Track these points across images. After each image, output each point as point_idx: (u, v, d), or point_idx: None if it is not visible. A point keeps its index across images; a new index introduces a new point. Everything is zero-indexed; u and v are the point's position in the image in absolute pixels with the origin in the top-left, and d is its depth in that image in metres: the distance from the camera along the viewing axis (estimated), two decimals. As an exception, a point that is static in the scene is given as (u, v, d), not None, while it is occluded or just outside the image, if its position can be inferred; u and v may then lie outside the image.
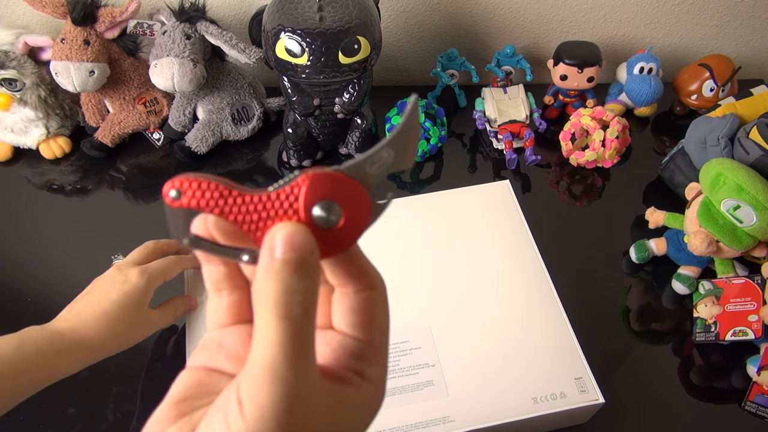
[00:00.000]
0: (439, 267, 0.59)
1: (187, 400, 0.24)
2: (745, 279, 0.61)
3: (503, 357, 0.53)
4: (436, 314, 0.55)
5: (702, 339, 0.61)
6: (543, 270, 0.59)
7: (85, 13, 0.72)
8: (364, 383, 0.23)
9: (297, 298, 0.20)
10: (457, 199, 0.65)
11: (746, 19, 0.94)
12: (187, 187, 0.22)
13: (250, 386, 0.20)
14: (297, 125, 0.76)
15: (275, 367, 0.20)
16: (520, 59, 0.87)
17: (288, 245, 0.21)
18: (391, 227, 0.61)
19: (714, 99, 0.84)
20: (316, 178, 0.22)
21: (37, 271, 0.68)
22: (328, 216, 0.22)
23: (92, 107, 0.80)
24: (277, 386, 0.19)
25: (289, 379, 0.20)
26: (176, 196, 0.22)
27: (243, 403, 0.19)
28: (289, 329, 0.20)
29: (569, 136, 0.78)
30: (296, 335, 0.20)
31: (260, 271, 0.21)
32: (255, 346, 0.20)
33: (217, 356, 0.25)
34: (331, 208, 0.22)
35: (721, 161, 0.62)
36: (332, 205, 0.22)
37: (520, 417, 0.49)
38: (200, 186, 0.22)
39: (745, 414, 0.57)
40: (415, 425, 0.49)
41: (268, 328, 0.20)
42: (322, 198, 0.22)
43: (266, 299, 0.20)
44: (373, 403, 0.24)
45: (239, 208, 0.22)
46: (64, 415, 0.56)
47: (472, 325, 0.55)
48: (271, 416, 0.19)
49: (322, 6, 0.65)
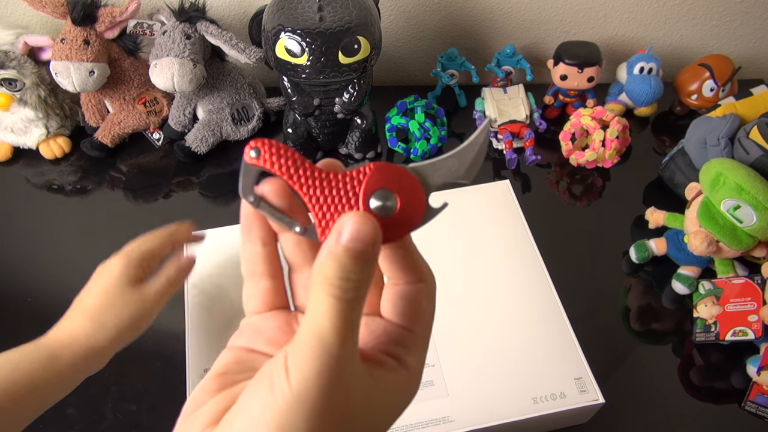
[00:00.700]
0: (438, 267, 0.59)
1: (228, 374, 0.25)
2: (745, 279, 0.61)
3: (503, 357, 0.53)
4: (436, 314, 0.55)
5: (702, 339, 0.61)
6: (543, 270, 0.59)
7: (85, 13, 0.72)
8: (402, 369, 0.24)
9: (352, 284, 0.21)
10: (457, 199, 0.65)
11: (746, 19, 0.94)
12: (267, 148, 0.24)
13: (298, 355, 0.21)
14: (297, 125, 0.76)
15: (325, 338, 0.21)
16: (520, 59, 0.87)
17: (354, 234, 0.22)
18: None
19: (714, 99, 0.84)
20: (380, 167, 0.24)
21: (36, 271, 0.68)
22: (384, 203, 0.24)
23: (92, 107, 0.80)
24: (325, 356, 0.20)
25: (336, 351, 0.21)
26: (255, 155, 0.24)
27: (290, 371, 0.20)
28: (340, 308, 0.21)
29: (569, 136, 0.78)
30: (347, 314, 0.21)
31: (323, 251, 0.22)
32: (307, 319, 0.22)
33: (255, 340, 0.26)
34: (388, 196, 0.24)
35: (721, 161, 0.62)
36: (390, 194, 0.24)
37: (520, 417, 0.49)
38: (279, 150, 0.24)
39: (745, 414, 0.57)
40: (415, 425, 0.49)
41: (321, 304, 0.21)
42: (382, 186, 0.24)
43: (324, 279, 0.21)
44: (408, 389, 0.25)
45: (308, 180, 0.24)
46: (64, 415, 0.56)
47: (472, 325, 0.55)
48: (315, 384, 0.20)
49: (322, 6, 0.65)
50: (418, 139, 0.78)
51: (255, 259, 0.26)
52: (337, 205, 0.24)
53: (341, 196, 0.24)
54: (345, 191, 0.24)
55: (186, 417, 0.24)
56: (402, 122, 0.79)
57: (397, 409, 0.24)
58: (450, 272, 0.59)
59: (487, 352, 0.53)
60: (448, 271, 0.59)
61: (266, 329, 0.27)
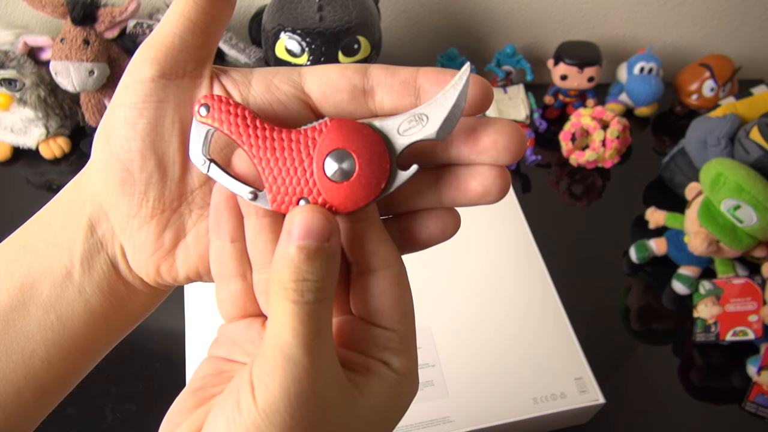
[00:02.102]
0: (438, 267, 0.59)
1: (205, 388, 0.23)
2: (746, 279, 0.61)
3: (503, 357, 0.53)
4: (436, 314, 0.55)
5: (702, 339, 0.61)
6: (543, 270, 0.59)
7: (84, 13, 0.72)
8: (390, 373, 0.22)
9: (310, 285, 0.20)
10: (457, 199, 0.65)
11: (746, 19, 0.94)
12: (218, 105, 0.21)
13: (262, 369, 0.19)
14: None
15: (288, 349, 0.19)
16: (520, 59, 0.87)
17: (305, 231, 0.20)
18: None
19: (714, 99, 0.84)
20: (338, 123, 0.21)
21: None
22: (340, 164, 0.21)
23: (92, 107, 0.80)
24: (290, 369, 0.19)
25: (302, 361, 0.19)
26: (205, 112, 0.22)
27: (255, 387, 0.19)
28: (301, 313, 0.20)
29: (569, 136, 0.78)
30: (309, 319, 0.20)
31: (277, 254, 0.21)
32: (268, 329, 0.20)
33: (233, 352, 0.25)
34: (345, 156, 0.21)
35: (721, 161, 0.62)
36: (347, 155, 0.21)
37: (520, 417, 0.49)
38: (229, 107, 0.21)
39: (745, 414, 0.57)
40: (415, 425, 0.49)
41: (280, 311, 0.20)
42: (339, 146, 0.21)
43: (279, 285, 0.20)
44: (401, 394, 0.23)
45: (257, 140, 0.22)
46: (64, 415, 0.56)
47: (472, 325, 0.55)
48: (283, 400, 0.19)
49: (322, 6, 0.65)
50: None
51: (224, 258, 0.24)
52: (288, 168, 0.22)
53: (294, 157, 0.22)
54: (299, 151, 0.22)
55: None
56: (402, 122, 0.79)
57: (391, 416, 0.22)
58: (450, 272, 0.59)
59: (487, 352, 0.53)
60: (448, 271, 0.59)
61: (242, 341, 0.24)
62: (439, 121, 0.21)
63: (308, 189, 0.22)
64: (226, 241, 0.24)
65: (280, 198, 0.22)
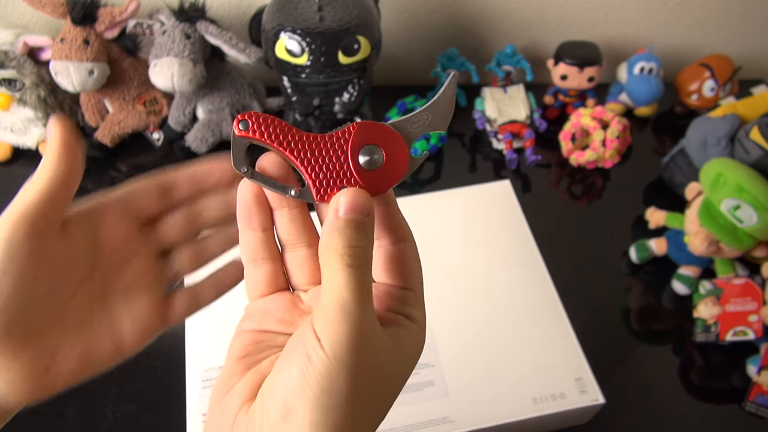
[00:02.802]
0: (438, 267, 0.59)
1: (250, 356, 0.26)
2: (746, 279, 0.61)
3: (503, 357, 0.53)
4: (436, 314, 0.55)
5: (702, 339, 0.61)
6: (543, 270, 0.59)
7: (84, 13, 0.72)
8: (413, 324, 0.26)
9: (359, 251, 0.24)
10: (458, 199, 0.65)
11: (746, 19, 0.94)
12: (255, 120, 0.25)
13: (324, 323, 0.22)
14: (297, 125, 0.76)
15: (347, 305, 0.23)
16: (520, 59, 0.87)
17: (351, 207, 0.24)
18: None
19: (714, 99, 0.84)
20: (363, 125, 0.26)
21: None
22: (372, 156, 0.26)
23: (92, 107, 0.80)
24: (351, 320, 0.22)
25: (359, 315, 0.23)
26: (244, 128, 0.25)
27: (321, 339, 0.22)
28: (355, 275, 0.23)
29: (569, 136, 0.78)
30: (361, 280, 0.23)
31: (326, 229, 0.24)
32: (326, 290, 0.23)
33: (265, 322, 0.28)
34: (374, 151, 0.26)
35: (721, 161, 0.62)
36: (375, 149, 0.26)
37: (520, 417, 0.49)
38: (266, 120, 0.25)
39: (745, 414, 0.57)
40: (415, 425, 0.49)
41: (337, 275, 0.23)
42: (368, 143, 0.26)
43: (334, 252, 0.23)
44: (419, 342, 0.27)
45: (297, 144, 0.25)
46: (64, 415, 0.56)
47: (472, 325, 0.55)
48: (348, 347, 0.22)
49: (322, 6, 0.65)
50: (418, 139, 0.78)
51: (255, 245, 0.27)
52: (328, 164, 0.26)
53: (331, 155, 0.25)
54: (334, 150, 0.26)
55: (218, 401, 0.25)
56: (402, 122, 0.79)
57: (414, 359, 0.26)
58: (450, 272, 0.59)
59: (487, 353, 0.53)
60: (449, 270, 0.59)
61: (273, 310, 0.28)
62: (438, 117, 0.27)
63: (347, 179, 0.26)
64: (258, 230, 0.27)
65: (323, 190, 0.26)
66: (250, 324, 0.28)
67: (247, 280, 0.29)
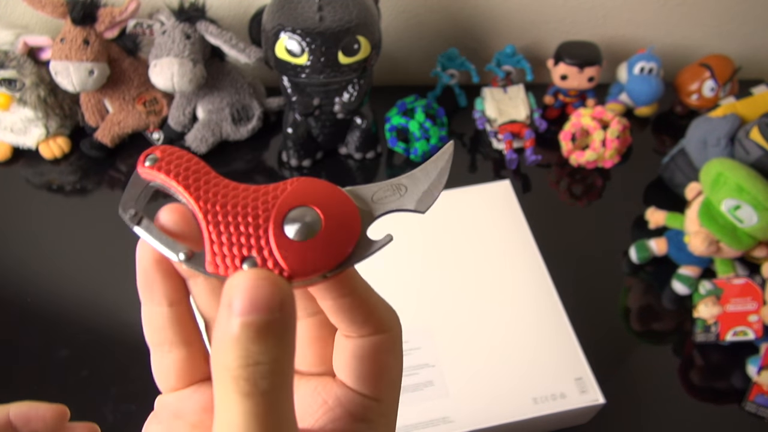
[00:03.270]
0: (439, 267, 0.59)
1: None
2: (746, 279, 0.61)
3: (503, 357, 0.53)
4: (436, 314, 0.55)
5: (702, 339, 0.61)
6: (543, 270, 0.59)
7: (84, 13, 0.72)
8: None
9: (263, 370, 0.16)
10: (457, 199, 0.65)
11: (746, 19, 0.94)
12: (169, 154, 0.20)
13: None
14: (297, 125, 0.76)
15: None
16: (520, 59, 0.87)
17: (248, 303, 0.16)
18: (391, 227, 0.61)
19: (714, 99, 0.84)
20: (305, 182, 0.19)
21: (36, 271, 0.68)
22: (303, 220, 0.18)
23: (92, 107, 0.80)
24: None
25: None
26: (152, 162, 0.20)
27: None
28: (255, 409, 0.16)
29: (569, 136, 0.78)
30: (266, 415, 0.16)
31: (216, 333, 0.17)
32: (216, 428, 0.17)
33: (175, 427, 0.21)
34: (307, 213, 0.19)
35: (721, 161, 0.62)
36: (311, 211, 0.19)
37: (520, 417, 0.49)
38: (182, 158, 0.20)
39: (745, 414, 0.57)
40: (415, 425, 0.49)
41: (230, 409, 0.16)
42: (304, 203, 0.19)
43: (225, 373, 0.16)
44: None
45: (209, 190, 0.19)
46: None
47: (472, 325, 0.55)
48: None
49: (321, 6, 0.65)
50: (418, 139, 0.78)
51: (161, 325, 0.20)
52: (239, 223, 0.18)
53: (247, 212, 0.19)
54: (254, 206, 0.19)
55: None
56: (402, 122, 0.79)
57: None
58: (450, 272, 0.59)
59: (487, 353, 0.53)
60: (448, 270, 0.59)
61: (187, 412, 0.21)
62: (418, 193, 0.20)
63: (258, 247, 0.18)
64: (163, 306, 0.20)
65: (220, 259, 0.18)
66: (157, 427, 0.21)
67: (154, 369, 0.22)
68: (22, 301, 0.65)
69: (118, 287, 0.67)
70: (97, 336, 0.62)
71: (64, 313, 0.64)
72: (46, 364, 0.60)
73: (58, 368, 0.59)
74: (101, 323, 0.63)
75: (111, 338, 0.62)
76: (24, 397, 0.45)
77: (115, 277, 0.67)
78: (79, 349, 0.61)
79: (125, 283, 0.70)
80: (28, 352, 0.61)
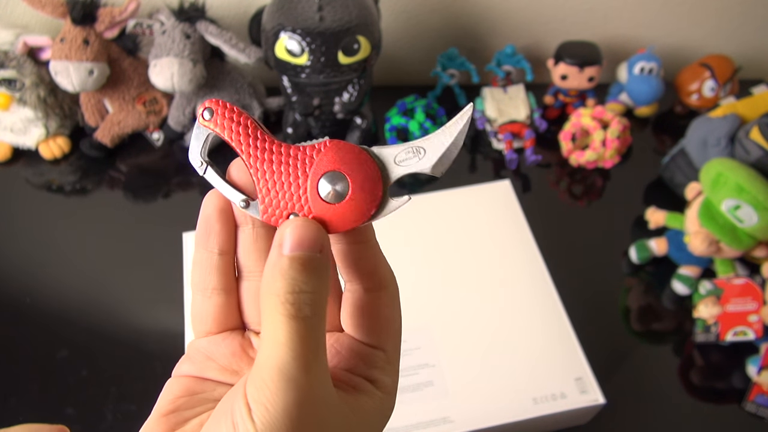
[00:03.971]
0: (438, 267, 0.59)
1: (178, 412, 0.22)
2: (746, 279, 0.61)
3: (503, 357, 0.53)
4: (436, 314, 0.55)
5: (702, 339, 0.61)
6: (543, 270, 0.59)
7: (84, 13, 0.72)
8: (377, 391, 0.22)
9: (306, 298, 0.19)
10: (458, 199, 0.65)
11: (746, 19, 0.94)
12: (222, 111, 0.22)
13: (259, 390, 0.18)
14: (297, 125, 0.76)
15: (287, 370, 0.18)
16: (520, 59, 0.87)
17: (297, 242, 0.20)
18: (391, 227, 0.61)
19: (714, 99, 0.84)
20: (336, 145, 0.22)
21: (36, 271, 0.68)
22: (334, 186, 0.22)
23: (92, 107, 0.80)
24: (290, 389, 0.18)
25: (302, 382, 0.18)
26: (208, 116, 0.22)
27: (252, 408, 0.18)
28: (299, 330, 0.19)
29: (569, 136, 0.78)
30: (307, 336, 0.19)
31: (268, 267, 0.20)
32: (264, 347, 0.19)
33: (206, 368, 0.24)
34: (338, 179, 0.22)
35: (721, 161, 0.62)
36: (342, 177, 0.22)
37: (520, 417, 0.49)
38: (233, 114, 0.22)
39: (745, 414, 0.57)
40: (415, 425, 0.49)
41: (277, 328, 0.19)
42: (335, 168, 0.22)
43: (274, 298, 0.19)
44: (384, 411, 0.23)
45: (257, 150, 0.22)
46: (64, 415, 0.56)
47: (472, 326, 0.55)
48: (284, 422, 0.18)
49: (322, 6, 0.65)
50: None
51: (208, 270, 0.23)
52: (284, 182, 0.22)
53: (289, 173, 0.22)
54: (294, 168, 0.22)
55: None
56: (402, 122, 0.79)
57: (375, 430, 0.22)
58: (450, 272, 0.59)
59: (487, 353, 0.53)
60: (448, 270, 0.59)
61: (218, 355, 0.24)
62: (436, 156, 0.22)
63: (300, 205, 0.22)
64: (214, 253, 0.23)
65: (272, 210, 0.22)
66: (189, 368, 0.24)
67: (193, 312, 0.24)
68: (22, 301, 0.65)
69: (118, 287, 0.67)
70: (97, 336, 0.62)
71: (64, 313, 0.64)
72: (46, 364, 0.60)
73: (58, 368, 0.59)
74: (101, 323, 0.63)
75: (111, 338, 0.62)
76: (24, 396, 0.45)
77: (115, 276, 0.68)
78: (79, 349, 0.61)
79: (125, 283, 0.71)
80: (28, 352, 0.61)
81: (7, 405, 0.57)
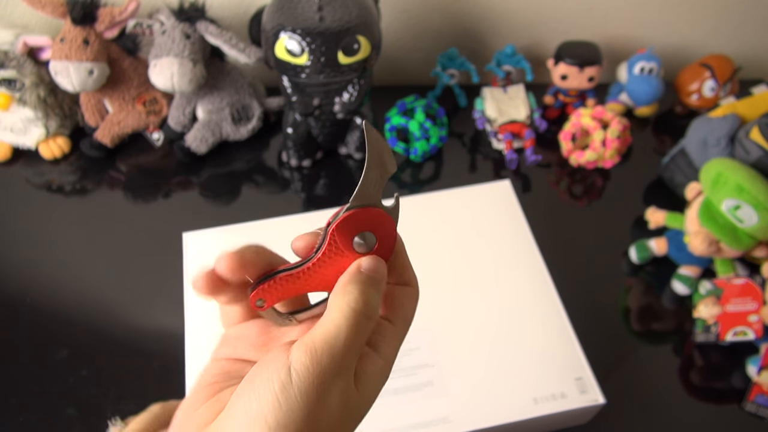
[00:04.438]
0: (438, 267, 0.59)
1: (217, 383, 0.26)
2: (746, 279, 0.61)
3: (503, 357, 0.53)
4: (436, 314, 0.55)
5: (702, 339, 0.61)
6: (543, 270, 0.59)
7: (84, 13, 0.72)
8: (378, 358, 0.26)
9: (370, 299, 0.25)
10: (458, 199, 0.65)
11: (746, 19, 0.94)
12: (265, 293, 0.26)
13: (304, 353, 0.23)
14: (297, 125, 0.76)
15: (336, 346, 0.23)
16: (520, 59, 0.87)
17: (373, 268, 0.26)
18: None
19: (714, 99, 0.84)
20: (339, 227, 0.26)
21: (36, 271, 0.68)
22: (366, 243, 0.27)
23: (92, 107, 0.80)
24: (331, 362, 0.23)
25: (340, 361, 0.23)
26: (261, 304, 0.27)
27: (293, 367, 0.22)
28: (357, 321, 0.24)
29: (569, 136, 0.78)
30: (360, 329, 0.24)
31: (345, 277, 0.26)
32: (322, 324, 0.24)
33: (239, 346, 0.28)
34: (365, 237, 0.27)
35: (721, 161, 0.62)
36: (364, 234, 0.27)
37: (520, 417, 0.49)
38: (272, 287, 0.26)
39: (745, 414, 0.57)
40: (415, 425, 0.49)
41: (341, 314, 0.24)
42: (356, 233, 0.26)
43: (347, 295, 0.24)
44: (382, 377, 0.26)
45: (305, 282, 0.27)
46: (64, 415, 0.56)
47: (472, 326, 0.55)
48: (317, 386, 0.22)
49: (322, 6, 0.65)
50: (418, 138, 0.78)
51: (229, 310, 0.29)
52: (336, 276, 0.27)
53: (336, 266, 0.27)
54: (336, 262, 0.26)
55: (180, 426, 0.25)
56: (402, 122, 0.79)
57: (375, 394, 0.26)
58: (450, 272, 0.59)
59: (487, 353, 0.53)
60: (448, 270, 0.59)
61: (247, 334, 0.28)
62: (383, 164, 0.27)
63: None
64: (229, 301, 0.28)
65: None
66: (224, 350, 0.28)
67: (222, 314, 0.29)
68: (22, 301, 0.65)
69: (118, 287, 0.67)
70: (97, 336, 0.62)
71: (64, 313, 0.64)
72: (46, 364, 0.60)
73: (58, 368, 0.59)
74: (101, 323, 0.63)
75: (111, 338, 0.62)
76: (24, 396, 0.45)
77: (115, 276, 0.68)
78: (79, 349, 0.61)
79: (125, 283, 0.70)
80: (28, 352, 0.61)
81: (7, 405, 0.57)
